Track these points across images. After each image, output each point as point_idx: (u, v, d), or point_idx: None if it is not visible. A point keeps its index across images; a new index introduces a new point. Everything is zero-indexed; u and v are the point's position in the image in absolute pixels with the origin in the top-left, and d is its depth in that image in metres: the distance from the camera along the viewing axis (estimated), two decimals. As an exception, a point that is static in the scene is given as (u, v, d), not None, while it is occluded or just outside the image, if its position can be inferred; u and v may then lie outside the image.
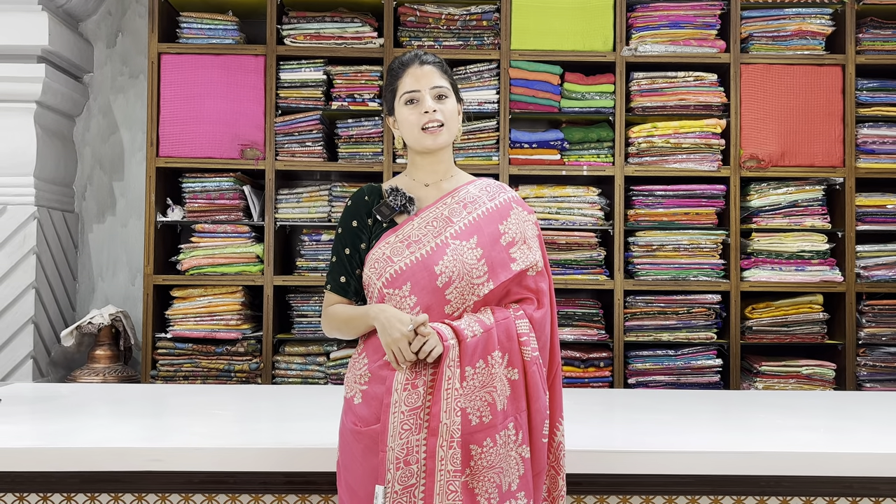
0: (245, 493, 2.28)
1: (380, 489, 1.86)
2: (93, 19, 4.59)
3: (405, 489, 1.85)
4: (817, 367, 4.06)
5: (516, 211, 2.09)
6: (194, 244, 4.15)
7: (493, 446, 1.89)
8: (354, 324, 2.02)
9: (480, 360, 1.91)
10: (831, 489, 2.30)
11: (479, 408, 1.89)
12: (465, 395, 1.89)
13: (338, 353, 4.09)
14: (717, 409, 3.03)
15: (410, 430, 1.87)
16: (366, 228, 2.05)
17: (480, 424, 1.89)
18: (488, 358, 1.92)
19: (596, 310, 4.15)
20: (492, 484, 1.88)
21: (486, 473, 1.88)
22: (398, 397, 1.88)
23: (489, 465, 1.88)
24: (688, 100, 4.18)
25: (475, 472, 1.87)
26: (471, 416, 1.88)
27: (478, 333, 1.92)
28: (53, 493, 2.28)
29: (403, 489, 1.85)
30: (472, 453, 1.87)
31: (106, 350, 4.14)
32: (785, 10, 4.19)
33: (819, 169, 4.15)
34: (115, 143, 4.59)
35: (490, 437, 1.89)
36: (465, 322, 1.94)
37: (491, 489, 1.87)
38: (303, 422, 2.68)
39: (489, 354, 1.92)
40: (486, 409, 1.90)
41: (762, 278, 4.10)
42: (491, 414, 1.90)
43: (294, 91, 4.17)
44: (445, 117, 2.04)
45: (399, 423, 1.87)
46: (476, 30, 4.18)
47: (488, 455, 1.88)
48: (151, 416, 2.92)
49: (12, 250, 4.07)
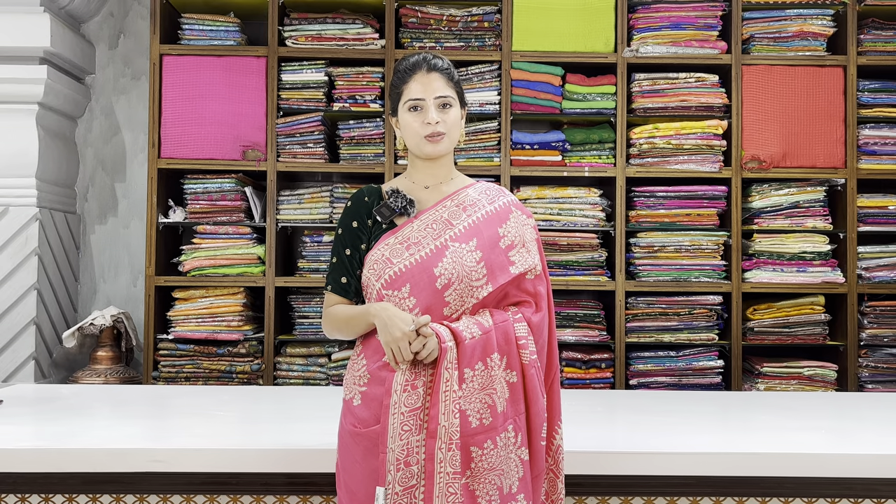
0: (246, 494, 2.28)
1: (380, 490, 1.85)
2: (95, 21, 4.60)
3: (405, 490, 1.85)
4: (819, 369, 4.06)
5: (515, 214, 2.09)
6: (196, 245, 4.15)
7: (493, 448, 1.88)
8: (354, 323, 2.01)
9: (479, 363, 1.91)
10: (833, 490, 2.30)
11: (478, 410, 1.89)
12: (465, 397, 1.88)
13: (339, 355, 4.09)
14: (719, 411, 3.03)
15: (410, 430, 1.87)
16: (366, 229, 2.05)
17: (481, 426, 1.89)
18: (487, 360, 1.92)
19: (597, 311, 4.15)
20: (492, 486, 1.87)
21: (487, 475, 1.87)
22: (398, 398, 1.88)
23: (490, 466, 1.88)
24: (689, 101, 4.18)
25: (476, 474, 1.87)
26: (471, 418, 1.88)
27: (476, 335, 1.92)
28: (55, 494, 2.28)
29: (404, 490, 1.85)
30: (472, 455, 1.87)
31: (108, 351, 4.14)
32: (786, 11, 4.19)
33: (820, 170, 4.15)
34: (116, 144, 4.60)
35: (491, 440, 1.88)
36: (464, 324, 1.94)
37: (492, 491, 1.87)
38: (304, 423, 2.68)
39: (488, 357, 1.92)
40: (487, 412, 1.90)
41: (763, 279, 4.10)
42: (491, 416, 1.90)
43: (295, 92, 4.17)
44: (448, 127, 2.04)
45: (399, 425, 1.87)
46: (477, 31, 4.19)
47: (489, 457, 1.88)
48: (153, 417, 2.92)
49: (14, 251, 4.07)
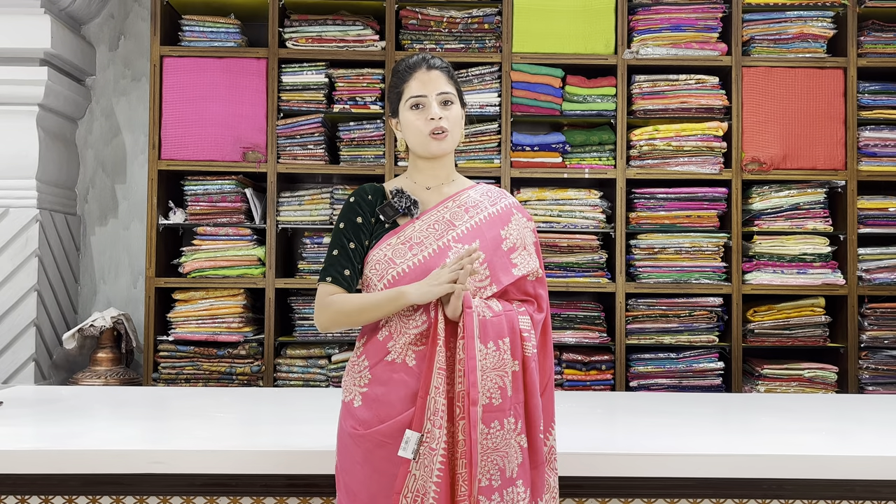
0: (246, 496, 2.28)
1: (413, 435, 1.87)
2: (95, 22, 4.60)
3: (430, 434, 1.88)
4: (819, 371, 4.06)
5: (517, 217, 2.09)
6: (196, 247, 4.15)
7: (500, 430, 1.89)
8: (376, 308, 1.97)
9: (492, 342, 1.92)
10: (833, 492, 2.30)
11: (489, 389, 1.89)
12: (480, 372, 1.88)
13: (339, 356, 4.09)
14: (719, 412, 3.03)
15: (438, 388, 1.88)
16: (369, 226, 2.04)
17: (490, 405, 1.88)
18: (499, 342, 1.93)
19: (598, 313, 4.15)
20: (494, 466, 1.88)
21: (491, 455, 1.87)
22: (440, 355, 1.90)
23: (494, 447, 1.88)
24: (689, 103, 4.18)
25: (480, 452, 1.87)
26: (482, 396, 1.88)
27: (487, 316, 1.93)
28: (55, 496, 2.27)
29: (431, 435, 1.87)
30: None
31: (108, 353, 4.14)
32: (786, 12, 4.20)
33: (821, 172, 4.15)
34: (117, 145, 4.60)
35: (498, 421, 1.89)
36: (477, 302, 1.95)
37: (493, 470, 1.87)
38: (304, 424, 2.68)
39: (500, 339, 1.93)
40: (497, 392, 1.90)
41: (764, 281, 4.10)
42: (501, 398, 1.90)
43: (296, 94, 4.17)
44: (450, 124, 2.04)
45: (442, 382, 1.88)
46: (478, 33, 4.19)
47: (494, 437, 1.88)
48: (153, 419, 2.92)
49: (14, 253, 4.07)
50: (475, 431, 1.84)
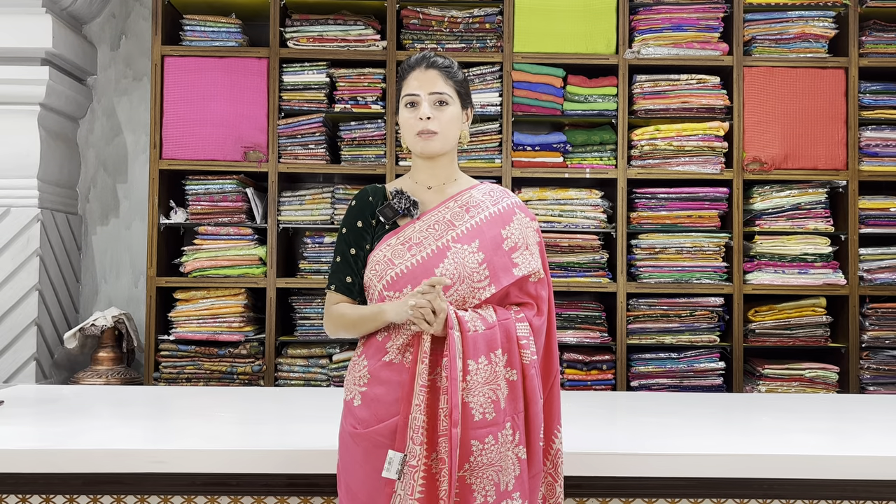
0: (247, 495, 2.28)
1: (396, 455, 1.84)
2: (96, 22, 4.60)
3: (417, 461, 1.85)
4: (820, 371, 4.06)
5: (519, 217, 2.08)
6: (197, 246, 4.15)
7: (494, 444, 1.87)
8: (364, 323, 1.99)
9: (483, 357, 1.90)
10: (834, 492, 2.30)
11: (482, 404, 1.88)
12: (469, 389, 1.87)
13: (340, 356, 4.09)
14: (720, 412, 3.03)
15: (419, 406, 1.86)
16: (370, 229, 2.04)
17: (483, 421, 1.87)
18: (491, 356, 1.91)
19: (599, 312, 4.15)
20: (490, 482, 1.87)
21: (485, 471, 1.86)
22: (422, 368, 1.87)
23: (489, 462, 1.87)
24: (690, 102, 4.18)
25: (474, 469, 1.86)
26: (474, 412, 1.87)
27: (479, 329, 1.92)
28: (56, 495, 2.28)
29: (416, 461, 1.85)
30: (472, 449, 1.86)
31: (109, 352, 4.14)
32: (788, 12, 4.19)
33: (822, 172, 4.15)
34: (118, 145, 4.60)
35: (492, 435, 1.88)
36: (469, 316, 1.93)
37: (489, 486, 1.86)
38: (305, 424, 2.68)
39: (492, 352, 1.92)
40: (490, 406, 1.89)
41: (765, 281, 4.10)
42: (494, 411, 1.89)
43: (297, 93, 4.17)
44: (441, 125, 2.02)
45: (422, 397, 1.86)
46: (479, 32, 4.19)
47: (489, 452, 1.87)
48: (154, 418, 2.92)
49: (16, 252, 4.07)
50: (455, 452, 1.81)
